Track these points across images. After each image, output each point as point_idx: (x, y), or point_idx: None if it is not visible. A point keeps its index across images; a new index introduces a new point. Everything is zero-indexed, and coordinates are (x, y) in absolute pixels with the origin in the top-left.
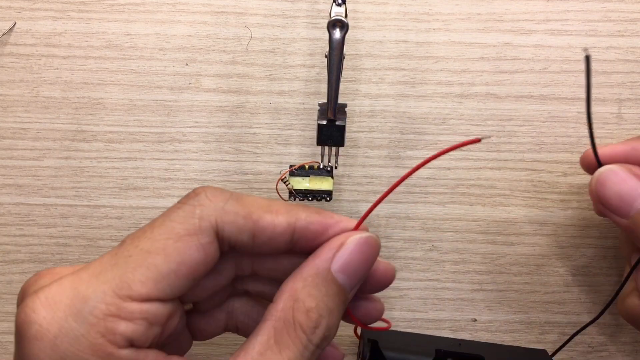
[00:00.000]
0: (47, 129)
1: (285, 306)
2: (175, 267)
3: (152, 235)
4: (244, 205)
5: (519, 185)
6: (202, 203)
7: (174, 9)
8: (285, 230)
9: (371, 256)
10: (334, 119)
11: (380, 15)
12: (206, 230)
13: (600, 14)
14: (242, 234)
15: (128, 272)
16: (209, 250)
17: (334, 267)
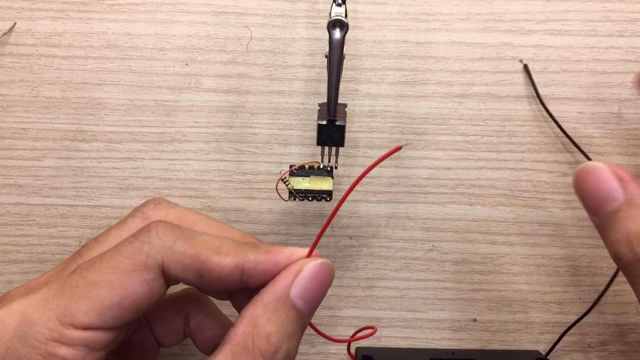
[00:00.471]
0: (47, 129)
1: (245, 331)
2: (118, 300)
3: (100, 268)
4: (192, 246)
5: (519, 185)
6: (151, 240)
7: (174, 9)
8: (232, 272)
9: (327, 281)
10: (334, 119)
11: (380, 15)
12: (152, 267)
13: (600, 14)
14: (188, 274)
15: (73, 302)
16: (153, 285)
17: (292, 293)
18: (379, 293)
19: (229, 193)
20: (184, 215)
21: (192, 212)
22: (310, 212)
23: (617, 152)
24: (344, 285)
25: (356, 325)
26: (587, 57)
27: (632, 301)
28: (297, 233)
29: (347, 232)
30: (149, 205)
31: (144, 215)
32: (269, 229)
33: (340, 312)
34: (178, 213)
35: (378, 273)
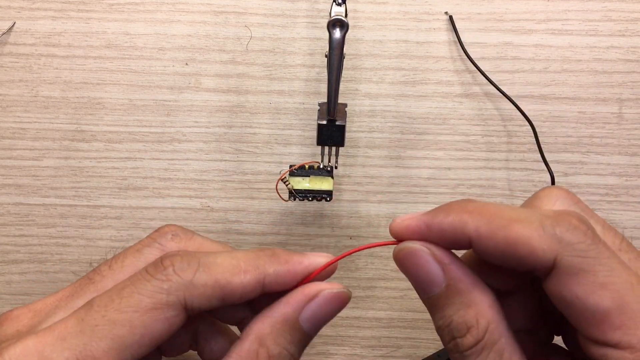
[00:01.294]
0: (47, 129)
1: (250, 348)
2: (139, 338)
3: (120, 306)
4: (211, 274)
5: (519, 185)
6: (170, 278)
7: (174, 8)
8: (254, 288)
9: (339, 310)
10: (334, 118)
11: (380, 14)
12: (174, 305)
13: (601, 14)
14: (212, 302)
15: (93, 342)
16: (174, 321)
17: (302, 317)
18: (379, 293)
19: (228, 193)
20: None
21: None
22: (310, 212)
23: (617, 152)
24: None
25: (357, 326)
26: (588, 57)
27: None
28: (297, 233)
29: (347, 232)
30: (167, 237)
31: (162, 247)
32: (269, 229)
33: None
34: (196, 245)
35: (378, 273)
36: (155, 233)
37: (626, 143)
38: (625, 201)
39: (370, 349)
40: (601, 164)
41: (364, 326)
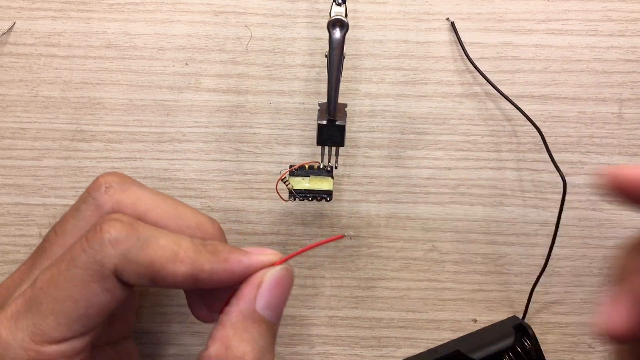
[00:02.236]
0: (47, 129)
1: (219, 353)
2: (84, 311)
3: (59, 282)
4: (147, 253)
5: (519, 185)
6: (104, 249)
7: (174, 8)
8: (186, 280)
9: (289, 287)
10: (334, 118)
11: (380, 14)
12: (108, 276)
13: (601, 14)
14: (142, 280)
15: (41, 320)
16: (115, 291)
17: (258, 306)
18: (379, 293)
19: (228, 193)
20: (140, 200)
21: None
22: (310, 212)
23: (617, 152)
24: (344, 286)
25: (357, 326)
26: (588, 57)
27: None
28: (297, 233)
29: (347, 232)
30: (100, 190)
31: (95, 202)
32: (269, 229)
33: (340, 312)
34: (133, 197)
35: (378, 273)
36: (91, 185)
37: (626, 143)
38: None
39: (370, 349)
40: (601, 164)
41: (364, 326)
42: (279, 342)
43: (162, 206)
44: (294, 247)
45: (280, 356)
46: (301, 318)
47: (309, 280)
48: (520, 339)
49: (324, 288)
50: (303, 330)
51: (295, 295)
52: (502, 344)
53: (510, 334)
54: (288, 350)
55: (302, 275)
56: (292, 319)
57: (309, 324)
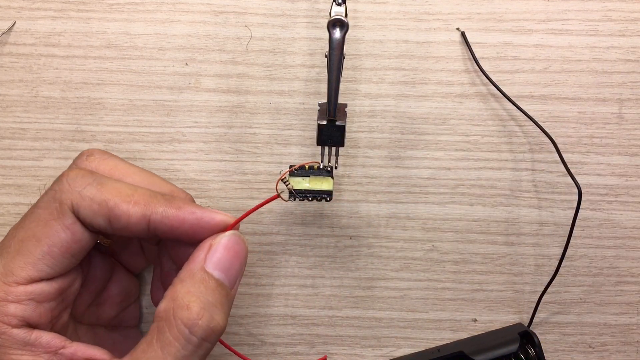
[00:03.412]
0: (47, 129)
1: (166, 306)
2: (47, 249)
3: (25, 224)
4: (101, 192)
5: (519, 185)
6: (62, 188)
7: (174, 8)
8: (139, 221)
9: (240, 251)
10: (334, 119)
11: (380, 14)
12: (66, 212)
13: (601, 14)
14: (98, 219)
15: (9, 261)
16: (76, 229)
17: (208, 266)
18: (379, 293)
19: (228, 193)
20: (116, 167)
21: (126, 164)
22: (310, 212)
23: (617, 152)
24: (344, 286)
25: (357, 326)
26: (588, 57)
27: (632, 301)
28: (297, 233)
29: (347, 232)
30: (82, 157)
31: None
32: (269, 229)
33: (340, 312)
34: (110, 165)
35: (378, 273)
36: (76, 158)
37: (626, 143)
38: (625, 201)
39: (370, 349)
40: (601, 164)
41: (364, 326)
42: (279, 342)
43: (137, 174)
44: (293, 247)
45: (280, 356)
46: (301, 318)
47: (309, 280)
48: (524, 347)
49: (324, 288)
50: (303, 330)
51: (295, 295)
52: (506, 349)
53: (515, 341)
54: (288, 350)
55: (302, 275)
56: (292, 319)
57: (309, 324)
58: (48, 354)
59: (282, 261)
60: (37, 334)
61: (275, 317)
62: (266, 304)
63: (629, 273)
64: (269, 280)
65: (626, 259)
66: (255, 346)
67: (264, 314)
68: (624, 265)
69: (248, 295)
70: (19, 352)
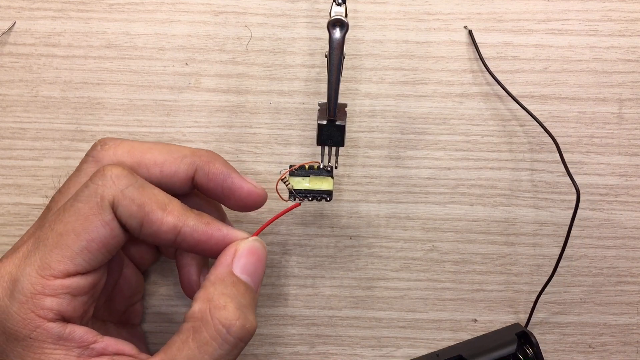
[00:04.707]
0: (47, 129)
1: (202, 308)
2: (85, 244)
3: (64, 218)
4: (142, 195)
5: (519, 185)
6: (105, 184)
7: (174, 8)
8: (170, 230)
9: (262, 256)
10: (334, 118)
11: (380, 14)
12: (106, 209)
13: (601, 14)
14: (132, 220)
15: (47, 254)
16: (113, 226)
17: (236, 270)
18: (379, 293)
19: None
20: (133, 148)
21: (140, 142)
22: (310, 212)
23: (617, 152)
24: (344, 286)
25: (357, 326)
26: (588, 57)
27: (632, 301)
28: (297, 233)
29: (347, 232)
30: (97, 148)
31: (95, 159)
32: (269, 229)
33: (340, 312)
34: (126, 147)
35: (378, 273)
36: (89, 149)
37: (626, 143)
38: (625, 201)
39: (370, 349)
40: (601, 164)
41: (364, 326)
42: (279, 342)
43: (155, 147)
44: (293, 247)
45: (280, 356)
46: (301, 318)
47: (309, 280)
48: (522, 347)
49: (324, 288)
50: (303, 330)
51: (295, 295)
52: (504, 351)
53: (512, 342)
54: (288, 350)
55: (302, 275)
56: (292, 319)
57: (309, 324)
58: (80, 348)
59: (282, 261)
60: (71, 328)
61: (275, 317)
62: (266, 304)
63: (629, 273)
64: (269, 280)
65: (626, 259)
66: (255, 346)
67: (264, 314)
68: (624, 265)
69: None
70: (52, 346)
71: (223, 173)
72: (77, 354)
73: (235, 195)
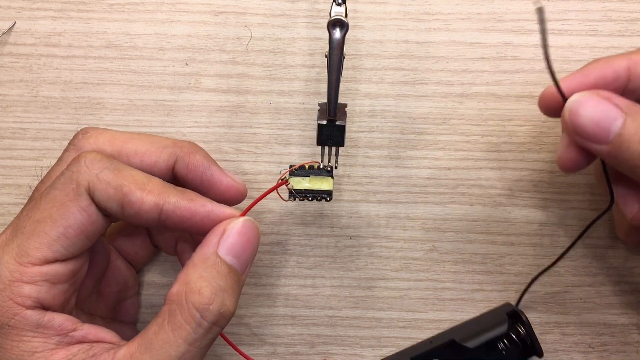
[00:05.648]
0: (47, 129)
1: (178, 290)
2: (63, 230)
3: (41, 205)
4: (117, 177)
5: (519, 185)
6: (80, 169)
7: (174, 8)
8: (151, 209)
9: (253, 237)
10: (334, 118)
11: (380, 14)
12: (82, 194)
13: (601, 14)
14: (111, 203)
15: (24, 241)
16: (91, 211)
17: (221, 251)
18: (379, 293)
19: None
20: (114, 137)
21: (122, 132)
22: (310, 212)
23: None
24: (344, 286)
25: (357, 326)
26: (588, 57)
27: (632, 301)
28: (297, 233)
29: (347, 232)
30: (78, 137)
31: (75, 147)
32: (269, 229)
33: (340, 312)
34: (108, 136)
35: (378, 273)
36: (71, 139)
37: None
38: None
39: (370, 349)
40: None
41: (364, 326)
42: (279, 342)
43: (137, 137)
44: (293, 247)
45: (280, 356)
46: (301, 318)
47: (309, 280)
48: (514, 326)
49: (324, 288)
50: (303, 330)
51: (295, 295)
52: (496, 332)
53: (504, 321)
54: (288, 350)
55: (302, 275)
56: (292, 319)
57: (309, 324)
58: (59, 336)
59: (282, 261)
60: (50, 315)
61: (275, 317)
62: (266, 304)
63: (629, 273)
64: (269, 280)
65: (626, 258)
66: (255, 346)
67: (264, 314)
68: (624, 265)
69: (248, 295)
70: (31, 334)
71: (203, 165)
72: (56, 342)
73: (214, 188)
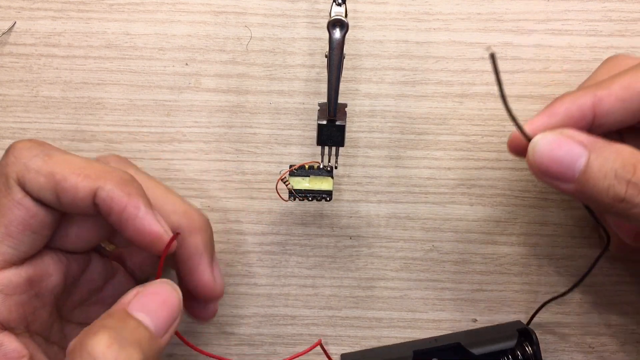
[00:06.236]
0: (47, 129)
1: (76, 340)
2: (4, 229)
3: None
4: (49, 164)
5: (519, 185)
6: (7, 161)
7: (174, 8)
8: (86, 196)
9: (170, 298)
10: (334, 118)
11: (380, 14)
12: (13, 187)
13: (601, 14)
14: (44, 192)
15: None
16: (27, 204)
17: (131, 308)
18: (379, 293)
19: (229, 193)
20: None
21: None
22: (310, 212)
23: None
24: (344, 286)
25: (357, 326)
26: (588, 57)
27: (631, 301)
28: (297, 233)
29: (347, 232)
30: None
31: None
32: (269, 229)
33: (340, 312)
34: None
35: (378, 273)
36: None
37: None
38: None
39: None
40: None
41: (364, 326)
42: (279, 342)
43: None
44: (293, 247)
45: (281, 356)
46: (301, 318)
47: (309, 280)
48: (522, 344)
49: (324, 288)
50: (303, 330)
51: (295, 295)
52: (503, 345)
53: (513, 337)
54: (288, 350)
55: (302, 275)
56: (292, 319)
57: (309, 323)
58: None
59: (282, 261)
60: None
61: (275, 317)
62: (266, 304)
63: (629, 273)
64: (269, 280)
65: (626, 259)
66: (255, 346)
67: (264, 314)
68: (624, 265)
69: (248, 295)
70: None
71: None
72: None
73: None
